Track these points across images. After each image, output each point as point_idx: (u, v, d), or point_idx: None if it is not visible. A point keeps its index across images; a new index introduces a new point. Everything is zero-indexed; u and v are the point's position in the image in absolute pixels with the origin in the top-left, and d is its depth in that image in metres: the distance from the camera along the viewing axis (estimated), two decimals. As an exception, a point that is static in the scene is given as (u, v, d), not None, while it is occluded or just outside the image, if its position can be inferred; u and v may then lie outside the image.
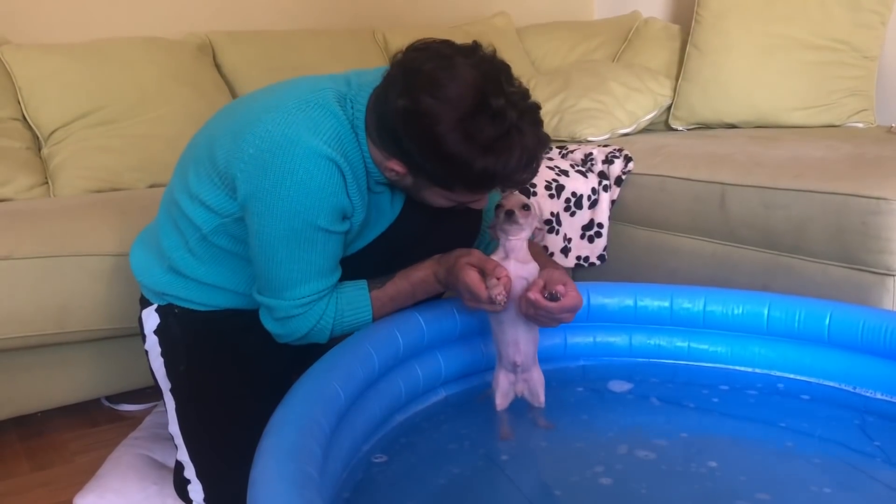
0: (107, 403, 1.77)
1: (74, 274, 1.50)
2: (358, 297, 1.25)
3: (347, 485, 1.14)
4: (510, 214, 1.22)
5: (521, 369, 1.31)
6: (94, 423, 1.69)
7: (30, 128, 2.01)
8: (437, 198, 1.19)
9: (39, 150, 2.01)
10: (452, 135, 1.06)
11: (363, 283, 1.27)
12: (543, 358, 1.53)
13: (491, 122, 1.07)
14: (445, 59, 1.08)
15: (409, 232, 1.33)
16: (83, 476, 1.41)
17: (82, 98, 2.02)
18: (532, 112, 1.12)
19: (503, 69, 1.12)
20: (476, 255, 1.23)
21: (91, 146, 2.00)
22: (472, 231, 1.41)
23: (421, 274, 1.28)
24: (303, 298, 1.19)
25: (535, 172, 1.17)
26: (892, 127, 2.20)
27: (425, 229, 1.33)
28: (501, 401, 1.34)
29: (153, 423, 1.55)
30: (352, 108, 1.18)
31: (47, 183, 1.96)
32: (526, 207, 1.24)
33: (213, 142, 1.21)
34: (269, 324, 1.24)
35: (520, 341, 1.29)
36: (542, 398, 1.34)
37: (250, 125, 1.15)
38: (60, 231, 1.53)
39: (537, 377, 1.34)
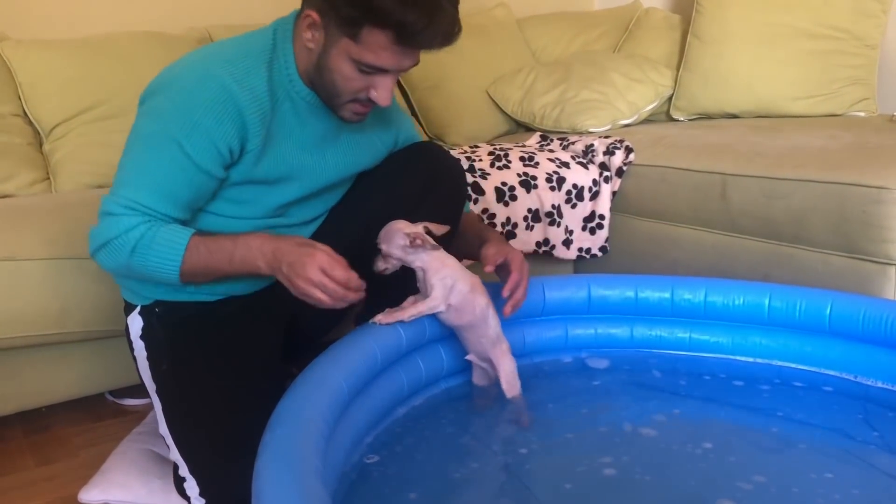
0: (110, 398, 1.77)
1: (74, 276, 1.50)
2: (177, 233, 1.14)
3: (351, 475, 1.15)
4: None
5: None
6: (98, 418, 1.70)
7: (31, 123, 2.00)
8: (343, 62, 1.15)
9: (41, 145, 2.01)
10: None
11: (191, 229, 1.18)
12: (546, 349, 1.55)
13: None
14: None
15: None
16: (87, 471, 1.41)
17: (83, 93, 2.02)
18: None
19: None
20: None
21: (92, 141, 1.99)
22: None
23: (251, 240, 1.17)
24: (128, 200, 1.13)
25: (451, 41, 1.16)
26: (893, 116, 2.20)
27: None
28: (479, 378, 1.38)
29: (156, 417, 1.55)
30: (273, 32, 1.23)
31: (49, 178, 1.96)
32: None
33: None
34: (93, 228, 1.18)
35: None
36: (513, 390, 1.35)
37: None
38: (61, 232, 1.53)
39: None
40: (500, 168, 2.00)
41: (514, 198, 1.95)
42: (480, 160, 2.02)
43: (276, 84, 1.21)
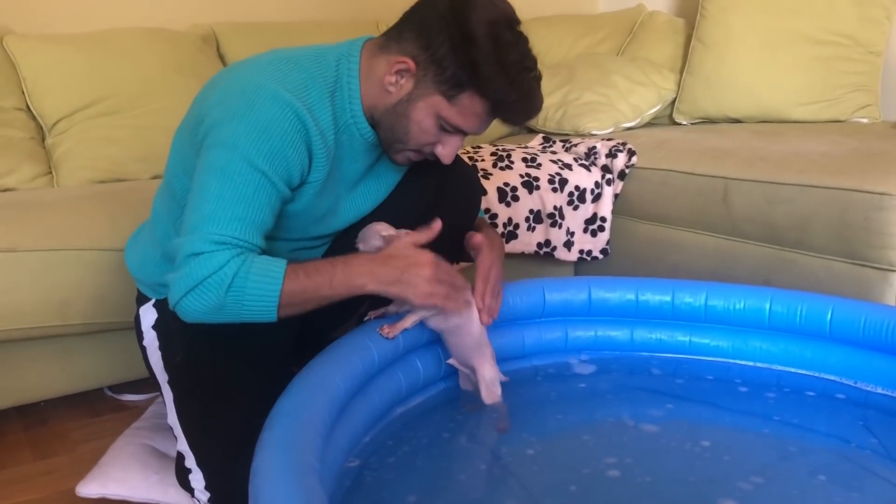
0: (109, 393, 1.78)
1: (76, 268, 1.50)
2: (272, 263, 1.10)
3: (349, 475, 1.15)
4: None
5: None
6: (96, 413, 1.70)
7: (34, 118, 2.01)
8: (427, 116, 1.16)
9: (43, 140, 2.01)
10: (483, 27, 1.10)
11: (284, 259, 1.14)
12: (546, 351, 1.55)
13: (516, 46, 1.13)
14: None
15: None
16: (85, 465, 1.41)
17: (86, 88, 2.02)
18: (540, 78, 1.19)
19: None
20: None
21: (94, 136, 2.00)
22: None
23: (352, 260, 1.15)
24: (218, 235, 1.07)
25: (527, 118, 1.21)
26: (896, 122, 2.20)
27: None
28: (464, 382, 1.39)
29: (155, 412, 1.56)
30: (336, 62, 1.19)
31: (51, 173, 1.97)
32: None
33: (196, 106, 1.21)
34: (174, 274, 1.09)
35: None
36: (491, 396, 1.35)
37: (223, 76, 1.18)
38: (63, 224, 1.54)
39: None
40: (502, 168, 2.00)
41: (515, 198, 1.95)
42: (483, 160, 2.03)
43: (339, 118, 1.20)
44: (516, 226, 1.95)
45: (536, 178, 2.00)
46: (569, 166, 2.09)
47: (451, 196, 1.38)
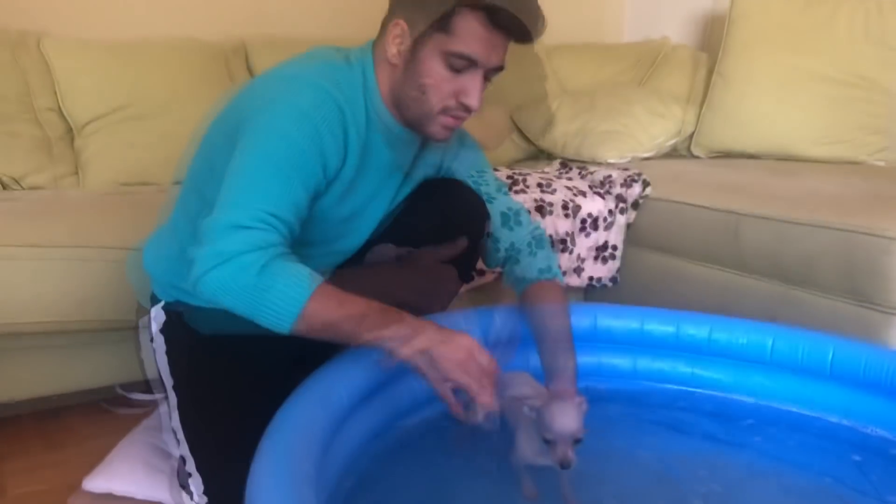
0: (120, 391, 1.80)
1: (98, 266, 1.54)
2: (311, 274, 1.05)
3: (347, 485, 1.16)
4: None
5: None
6: (107, 410, 1.73)
7: (64, 119, 2.06)
8: (434, 61, 1.16)
9: (72, 141, 2.07)
10: None
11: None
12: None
13: None
14: None
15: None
16: (93, 459, 1.44)
17: (116, 93, 2.07)
18: None
19: None
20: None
21: (121, 140, 2.05)
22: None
23: (390, 309, 1.08)
24: (263, 213, 1.04)
25: (537, 30, 1.15)
26: (912, 167, 2.21)
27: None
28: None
29: (164, 412, 1.59)
30: (360, 64, 1.23)
31: (77, 173, 2.02)
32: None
33: (234, 107, 1.23)
34: (203, 248, 1.03)
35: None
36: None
37: (260, 78, 1.22)
38: (87, 223, 1.58)
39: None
40: (516, 192, 2.03)
41: (528, 223, 1.97)
42: (498, 183, 2.06)
43: (370, 115, 1.23)
44: (528, 249, 1.98)
45: (550, 204, 2.03)
46: (583, 193, 2.11)
47: (455, 220, 1.39)
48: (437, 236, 1.37)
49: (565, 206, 2.05)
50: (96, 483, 1.37)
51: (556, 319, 1.34)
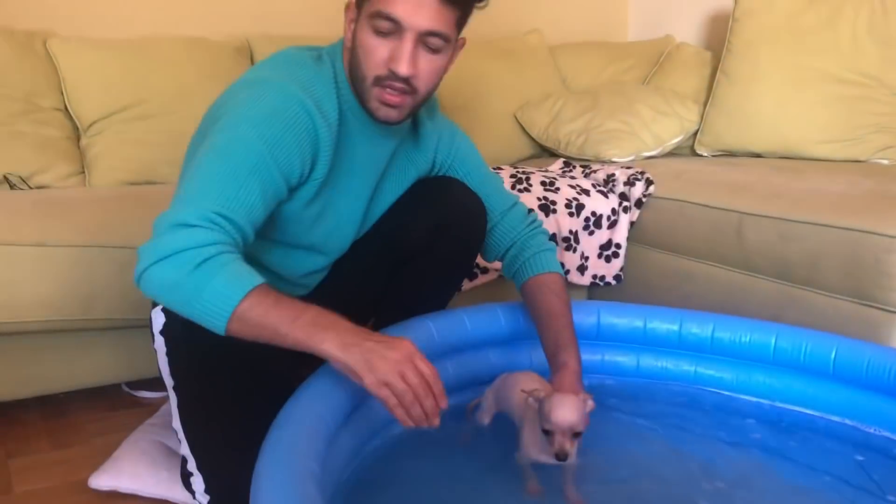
0: (126, 389, 1.82)
1: (103, 264, 1.55)
2: (249, 273, 1.02)
3: (350, 480, 1.17)
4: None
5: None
6: (113, 408, 1.74)
7: (71, 118, 2.07)
8: (366, 32, 1.14)
9: (78, 140, 2.08)
10: None
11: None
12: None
13: None
14: None
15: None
16: (99, 457, 1.45)
17: (123, 92, 2.08)
18: None
19: None
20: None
21: (128, 139, 2.06)
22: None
23: (328, 312, 1.03)
24: (210, 213, 1.02)
25: None
26: (917, 165, 2.20)
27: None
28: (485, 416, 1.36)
29: (169, 411, 1.59)
30: (331, 54, 1.23)
31: (84, 172, 2.03)
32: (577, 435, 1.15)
33: (209, 111, 1.24)
34: (148, 242, 1.04)
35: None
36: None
37: (237, 80, 1.21)
38: (92, 222, 1.59)
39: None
40: (520, 191, 2.03)
41: (532, 221, 1.98)
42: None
43: (343, 107, 1.22)
44: (532, 248, 1.98)
45: (553, 202, 2.03)
46: (587, 192, 2.12)
47: (450, 231, 1.38)
48: (433, 237, 1.38)
49: (569, 205, 2.05)
50: (102, 480, 1.38)
51: (558, 312, 1.35)
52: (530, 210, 1.50)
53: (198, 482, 1.20)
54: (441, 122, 1.42)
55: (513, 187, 2.04)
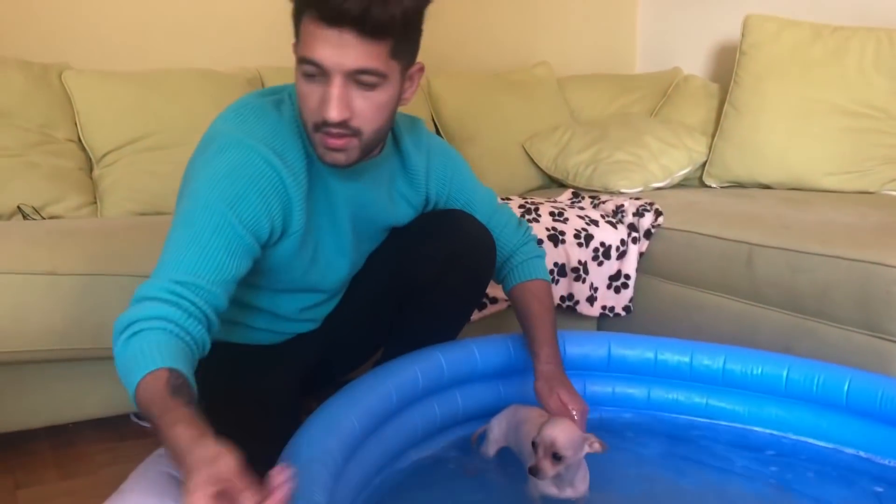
0: (135, 419, 1.81)
1: (113, 293, 1.55)
2: (163, 354, 0.98)
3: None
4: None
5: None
6: (121, 438, 1.74)
7: (84, 149, 2.09)
8: (299, 77, 1.11)
9: (91, 171, 2.10)
10: None
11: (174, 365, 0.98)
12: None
13: None
14: None
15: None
16: (107, 488, 1.44)
17: (135, 124, 2.10)
18: None
19: None
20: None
21: (140, 170, 2.08)
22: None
23: (186, 424, 0.91)
24: (170, 281, 1.03)
25: (371, 15, 1.02)
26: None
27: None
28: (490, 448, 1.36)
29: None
30: (291, 100, 1.19)
31: (96, 203, 2.04)
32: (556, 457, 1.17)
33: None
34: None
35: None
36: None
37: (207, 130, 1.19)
38: (103, 251, 1.59)
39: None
40: (529, 221, 2.03)
41: (541, 252, 1.98)
42: (511, 213, 2.07)
43: (310, 155, 1.18)
44: (541, 278, 1.98)
45: (562, 233, 2.03)
46: (595, 222, 2.12)
47: (460, 262, 1.38)
48: (443, 268, 1.37)
49: (578, 235, 2.05)
50: (110, 511, 1.37)
51: (539, 315, 1.40)
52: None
53: None
54: (427, 149, 1.37)
55: (521, 217, 2.05)
